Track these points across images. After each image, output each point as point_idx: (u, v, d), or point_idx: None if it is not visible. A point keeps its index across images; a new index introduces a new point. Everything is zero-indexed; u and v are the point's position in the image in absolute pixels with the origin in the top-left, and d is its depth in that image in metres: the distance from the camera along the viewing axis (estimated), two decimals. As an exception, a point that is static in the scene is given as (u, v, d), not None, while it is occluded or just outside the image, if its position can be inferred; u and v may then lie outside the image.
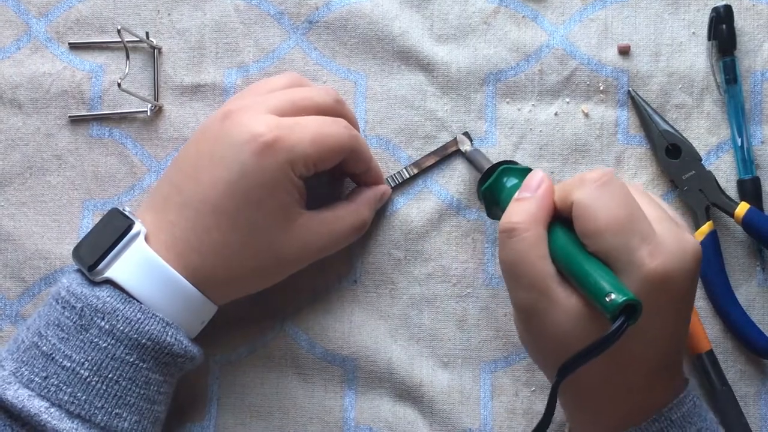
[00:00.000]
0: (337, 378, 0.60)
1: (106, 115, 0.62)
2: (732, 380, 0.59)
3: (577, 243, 0.48)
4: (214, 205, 0.52)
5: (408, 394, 0.60)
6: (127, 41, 0.60)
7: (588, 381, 0.47)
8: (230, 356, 0.60)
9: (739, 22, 0.61)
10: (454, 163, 0.61)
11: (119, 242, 0.52)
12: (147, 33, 0.62)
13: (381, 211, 0.61)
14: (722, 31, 0.60)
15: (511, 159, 0.60)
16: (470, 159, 0.60)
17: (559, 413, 0.54)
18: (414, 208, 0.61)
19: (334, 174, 0.60)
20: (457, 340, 0.60)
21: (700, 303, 0.60)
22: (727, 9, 0.60)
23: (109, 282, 0.52)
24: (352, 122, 0.58)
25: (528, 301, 0.49)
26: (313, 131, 0.54)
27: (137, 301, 0.52)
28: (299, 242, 0.55)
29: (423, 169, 0.61)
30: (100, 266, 0.52)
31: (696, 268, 0.48)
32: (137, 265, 0.52)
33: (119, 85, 0.57)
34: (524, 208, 0.50)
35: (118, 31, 0.57)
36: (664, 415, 0.49)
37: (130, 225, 0.53)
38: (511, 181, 0.55)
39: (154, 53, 0.63)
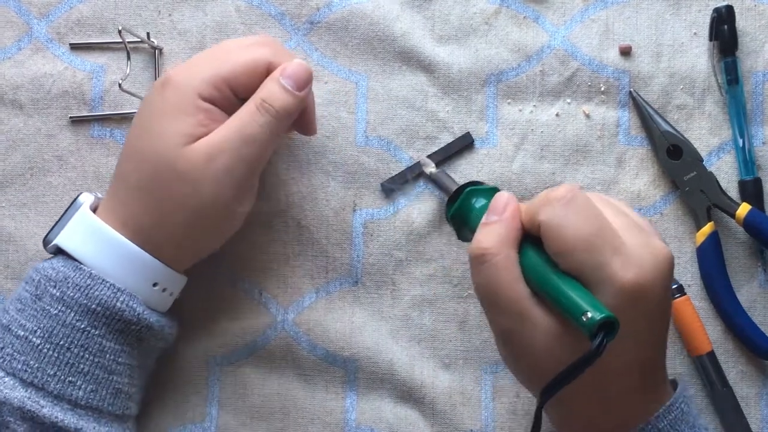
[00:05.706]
0: (339, 379, 0.60)
1: (107, 116, 0.62)
2: (733, 381, 0.59)
3: (548, 262, 0.47)
4: (127, 150, 0.54)
5: (409, 395, 0.60)
6: (128, 42, 0.60)
7: (572, 396, 0.47)
8: (231, 357, 0.60)
9: (741, 22, 0.61)
10: (455, 164, 0.61)
11: (67, 212, 0.54)
12: (148, 33, 0.62)
13: (381, 212, 0.61)
14: (724, 31, 0.60)
15: (480, 179, 0.59)
16: (436, 181, 0.60)
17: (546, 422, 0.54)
18: (415, 209, 0.61)
19: None
20: (458, 341, 0.60)
21: (702, 304, 0.60)
22: (729, 9, 0.60)
23: (63, 253, 0.53)
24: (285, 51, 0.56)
25: (506, 324, 0.49)
26: (218, 52, 0.55)
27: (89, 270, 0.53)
28: (201, 161, 0.52)
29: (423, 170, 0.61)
30: (50, 236, 0.54)
31: (669, 274, 0.48)
32: (80, 229, 0.53)
33: (120, 85, 0.57)
34: (493, 232, 0.49)
35: (119, 32, 0.57)
36: (651, 423, 0.48)
37: (78, 196, 0.55)
38: (479, 202, 0.54)
39: (155, 54, 0.63)
